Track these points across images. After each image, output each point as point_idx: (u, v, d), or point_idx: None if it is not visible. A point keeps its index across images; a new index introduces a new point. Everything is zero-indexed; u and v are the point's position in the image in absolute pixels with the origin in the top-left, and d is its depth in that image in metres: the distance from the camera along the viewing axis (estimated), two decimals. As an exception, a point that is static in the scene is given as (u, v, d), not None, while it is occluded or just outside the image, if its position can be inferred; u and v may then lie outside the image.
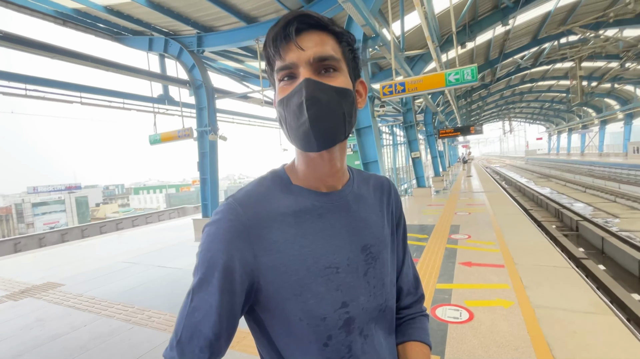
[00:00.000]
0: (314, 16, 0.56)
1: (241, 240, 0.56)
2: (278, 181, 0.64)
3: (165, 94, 9.43)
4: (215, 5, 6.72)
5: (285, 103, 0.56)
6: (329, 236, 0.61)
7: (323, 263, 0.59)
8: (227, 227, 0.56)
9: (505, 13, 10.23)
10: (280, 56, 0.56)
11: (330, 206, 0.63)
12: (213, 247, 0.55)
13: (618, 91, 26.13)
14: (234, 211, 0.57)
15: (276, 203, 0.60)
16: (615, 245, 7.33)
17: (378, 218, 0.69)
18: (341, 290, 0.60)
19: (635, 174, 18.21)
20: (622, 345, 2.26)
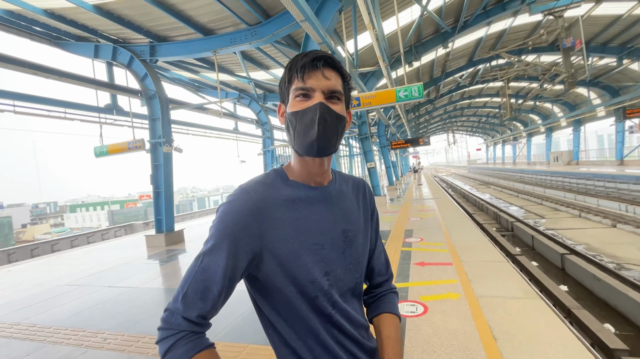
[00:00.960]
0: (334, 59, 0.76)
1: (252, 217, 0.71)
2: (278, 177, 0.81)
3: (114, 104, 8.90)
4: (170, 15, 6.62)
5: (300, 115, 0.73)
6: (317, 220, 0.78)
7: (312, 240, 0.76)
8: (241, 206, 0.71)
9: (445, 37, 11.39)
10: (303, 79, 0.73)
11: (318, 198, 0.81)
12: (227, 219, 0.71)
13: (539, 108, 29.97)
14: (248, 194, 0.73)
15: (278, 192, 0.77)
16: (542, 242, 8.38)
17: (355, 210, 0.87)
18: (325, 262, 0.77)
19: (557, 180, 20.88)
20: (545, 322, 2.68)
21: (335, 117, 0.74)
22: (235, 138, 15.11)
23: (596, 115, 22.83)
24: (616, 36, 14.79)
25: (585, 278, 6.20)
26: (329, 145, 0.74)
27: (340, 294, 0.79)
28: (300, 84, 0.73)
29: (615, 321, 4.95)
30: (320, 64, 0.73)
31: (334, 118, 0.74)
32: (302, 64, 0.73)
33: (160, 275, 5.49)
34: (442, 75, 17.09)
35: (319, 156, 0.75)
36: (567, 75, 11.43)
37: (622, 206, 12.09)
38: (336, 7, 5.79)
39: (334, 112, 0.73)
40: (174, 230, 8.36)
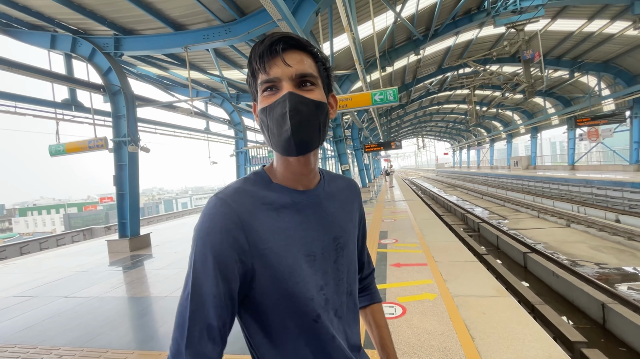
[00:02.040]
0: (296, 37, 0.65)
1: (237, 230, 0.61)
2: (260, 181, 0.70)
3: (72, 99, 8.26)
4: (137, 7, 6.26)
5: (268, 112, 0.64)
6: (305, 228, 0.69)
7: (304, 251, 0.67)
8: (223, 219, 0.61)
9: (417, 44, 11.76)
10: (265, 70, 0.63)
11: (306, 203, 0.71)
12: (210, 240, 0.60)
13: (501, 115, 31.86)
14: (227, 206, 0.63)
15: (262, 199, 0.67)
16: (507, 242, 8.84)
17: (345, 214, 0.79)
18: (318, 275, 0.68)
19: (517, 183, 22.24)
20: (517, 319, 2.78)
21: (312, 104, 0.64)
22: (207, 138, 14.63)
23: (551, 123, 24.64)
24: (569, 51, 16.07)
25: (545, 275, 6.60)
26: (309, 139, 0.64)
27: (335, 310, 0.71)
28: (264, 76, 0.64)
29: (573, 315, 5.30)
30: (279, 48, 0.63)
31: (311, 107, 0.64)
32: (261, 52, 0.63)
33: (124, 282, 5.13)
34: (414, 81, 17.66)
35: (300, 153, 0.65)
36: (528, 84, 12.23)
37: (574, 208, 13.08)
38: (313, 8, 5.76)
39: (308, 100, 0.64)
40: (140, 234, 7.88)
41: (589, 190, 14.20)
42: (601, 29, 13.50)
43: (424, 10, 10.46)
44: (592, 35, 14.11)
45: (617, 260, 7.34)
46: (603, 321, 4.80)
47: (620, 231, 8.88)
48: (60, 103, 8.04)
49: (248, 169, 14.15)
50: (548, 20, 13.05)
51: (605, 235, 9.06)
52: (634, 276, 6.49)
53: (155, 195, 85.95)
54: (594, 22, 13.00)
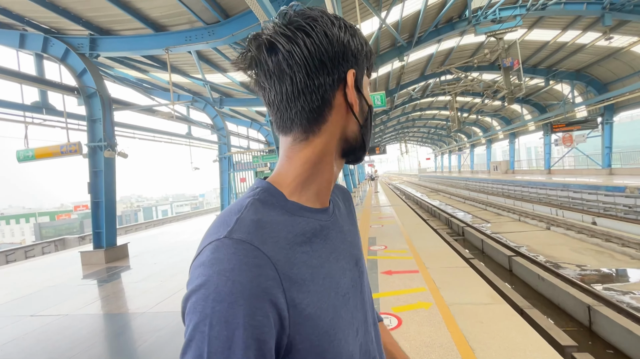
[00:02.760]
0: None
1: (276, 288, 0.41)
2: (274, 201, 0.51)
3: (43, 101, 7.79)
4: (115, 6, 5.99)
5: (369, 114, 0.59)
6: (336, 259, 0.53)
7: (341, 291, 0.51)
8: (254, 276, 0.40)
9: (401, 50, 11.91)
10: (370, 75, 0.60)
11: (329, 224, 0.55)
12: (238, 314, 0.38)
13: (481, 121, 32.83)
14: (256, 251, 0.42)
15: (291, 229, 0.48)
16: (491, 245, 8.95)
17: (354, 228, 0.66)
18: (355, 317, 0.53)
19: (497, 187, 22.84)
20: (515, 327, 2.72)
21: None
22: (189, 143, 14.22)
23: (528, 129, 25.56)
24: (544, 59, 16.74)
25: (530, 278, 6.68)
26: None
27: (367, 351, 0.56)
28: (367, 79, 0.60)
29: (560, 317, 5.35)
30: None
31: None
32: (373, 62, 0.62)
33: (98, 297, 4.78)
34: (397, 87, 17.90)
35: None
36: (508, 91, 12.60)
37: (553, 211, 13.50)
38: (300, 11, 5.66)
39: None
40: (116, 245, 7.46)
41: (565, 194, 14.71)
42: (574, 39, 14.14)
43: (408, 17, 10.61)
44: (565, 45, 14.76)
45: (597, 262, 7.54)
46: (589, 323, 4.85)
47: (598, 233, 9.18)
48: (29, 106, 7.56)
49: (232, 175, 13.83)
50: (525, 30, 13.55)
51: (584, 237, 9.34)
52: (614, 277, 6.68)
53: (133, 203, 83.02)
54: (567, 33, 13.60)
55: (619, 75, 16.08)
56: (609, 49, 14.46)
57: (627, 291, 5.88)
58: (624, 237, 8.34)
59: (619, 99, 15.25)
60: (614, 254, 7.91)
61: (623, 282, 6.37)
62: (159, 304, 4.20)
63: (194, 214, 25.38)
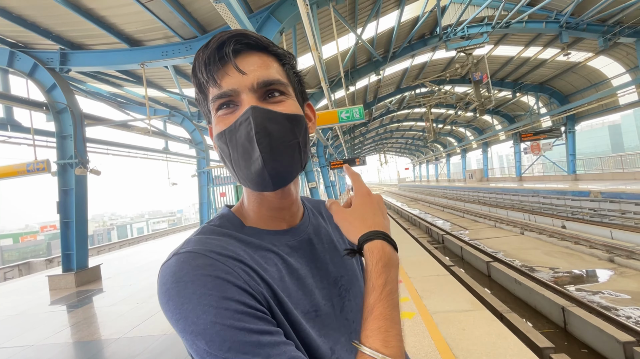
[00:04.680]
0: (252, 35, 0.51)
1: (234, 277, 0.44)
2: (229, 226, 0.53)
3: (8, 117, 7.41)
4: (88, 21, 5.86)
5: (227, 137, 0.49)
6: (298, 277, 0.53)
7: (301, 309, 0.51)
8: (211, 271, 0.43)
9: (377, 65, 12.30)
10: (215, 82, 0.48)
11: (293, 244, 0.57)
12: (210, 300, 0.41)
13: (455, 132, 34.13)
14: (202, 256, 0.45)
15: (240, 251, 0.49)
16: (470, 252, 9.19)
17: (337, 246, 0.65)
18: (323, 336, 0.52)
19: (473, 194, 23.62)
20: (496, 332, 2.79)
21: (285, 120, 0.50)
22: (166, 158, 13.87)
23: (499, 139, 26.79)
24: (510, 73, 17.78)
25: (508, 282, 6.89)
26: (288, 166, 0.50)
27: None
28: (215, 90, 0.49)
29: (537, 320, 5.52)
30: (229, 50, 0.48)
31: (284, 124, 0.49)
32: (207, 59, 0.48)
33: (68, 325, 4.48)
34: (375, 100, 18.38)
35: (278, 187, 0.50)
36: (479, 103, 13.23)
37: (525, 216, 14.09)
38: (277, 27, 5.78)
39: (278, 115, 0.49)
40: (88, 267, 7.07)
41: (536, 199, 15.42)
42: (536, 55, 15.14)
43: (382, 33, 11.03)
44: (529, 60, 15.76)
45: (568, 264, 7.89)
46: (564, 324, 5.04)
47: (567, 236, 9.64)
48: (-8, 122, 7.18)
49: (211, 190, 13.56)
50: (492, 46, 14.39)
51: (555, 241, 9.77)
52: (584, 278, 7.00)
53: (106, 221, 79.22)
54: (530, 49, 14.56)
55: (578, 87, 17.31)
56: (568, 63, 15.58)
57: (597, 291, 6.17)
58: (591, 239, 8.81)
59: (579, 110, 16.35)
60: (583, 256, 8.31)
61: (593, 282, 6.69)
62: (136, 328, 4.00)
63: (171, 231, 24.52)
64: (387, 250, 0.49)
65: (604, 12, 10.61)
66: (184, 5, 5.86)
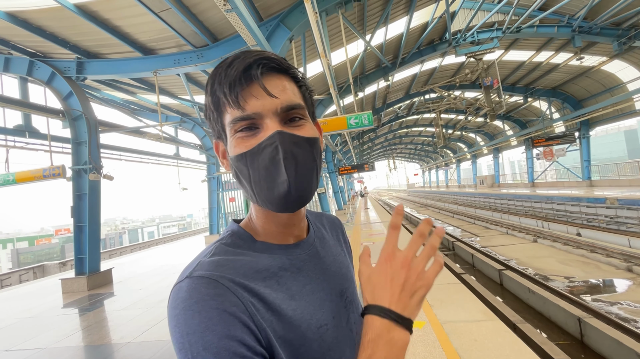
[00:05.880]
0: (276, 58, 0.51)
1: (243, 314, 0.44)
2: (241, 243, 0.55)
3: (26, 124, 7.66)
4: (104, 31, 6.04)
5: (249, 159, 0.49)
6: (311, 291, 0.55)
7: (315, 323, 0.52)
8: (219, 303, 0.43)
9: (386, 71, 12.31)
10: (239, 104, 0.48)
11: (304, 257, 0.58)
12: (213, 338, 0.41)
13: (465, 137, 33.77)
14: (216, 284, 0.45)
15: (252, 267, 0.51)
16: (481, 260, 9.01)
17: (342, 258, 0.67)
18: (333, 349, 0.53)
19: (484, 201, 23.24)
20: (509, 345, 2.71)
21: (307, 144, 0.51)
22: (177, 164, 14.09)
23: (510, 144, 26.40)
24: (522, 78, 17.56)
25: (521, 291, 6.71)
26: (308, 189, 0.51)
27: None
28: (237, 112, 0.49)
29: (551, 331, 5.35)
30: (258, 73, 0.49)
31: (306, 148, 0.51)
32: (231, 81, 0.48)
33: (79, 328, 4.55)
34: (384, 106, 18.35)
35: (299, 209, 0.52)
36: (489, 108, 13.08)
37: (539, 223, 13.76)
38: (287, 35, 5.86)
39: (301, 139, 0.50)
40: (100, 271, 7.19)
41: (550, 206, 15.07)
42: (548, 59, 14.93)
43: (391, 40, 11.05)
44: (540, 64, 15.55)
45: (584, 273, 7.65)
46: (581, 335, 4.87)
47: (583, 244, 9.37)
48: (11, 129, 7.41)
49: (221, 195, 13.69)
50: (503, 51, 14.27)
51: (570, 249, 9.50)
52: (601, 288, 6.78)
53: (118, 225, 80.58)
54: (541, 53, 14.37)
55: (592, 92, 16.96)
56: (581, 68, 15.31)
57: (614, 301, 5.96)
58: (608, 248, 8.54)
59: (594, 115, 16.01)
60: (599, 265, 8.06)
61: (610, 293, 6.47)
62: (145, 333, 4.03)
63: (181, 236, 24.78)
64: (377, 325, 0.45)
65: (618, 15, 10.42)
66: (195, 14, 5.99)
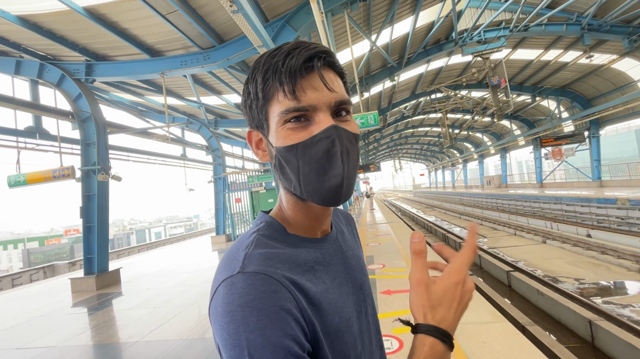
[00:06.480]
0: (331, 52, 0.51)
1: (297, 312, 0.45)
2: (276, 235, 0.54)
3: (37, 126, 7.79)
4: (112, 33, 6.12)
5: (299, 151, 0.48)
6: (339, 284, 0.56)
7: (345, 316, 0.53)
8: (276, 301, 0.43)
9: (391, 71, 12.25)
10: (294, 95, 0.47)
11: (332, 252, 0.59)
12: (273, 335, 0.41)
13: (472, 137, 33.46)
14: (271, 280, 0.45)
15: (294, 261, 0.51)
16: (489, 261, 8.91)
17: (358, 252, 0.68)
18: (357, 339, 0.55)
19: (491, 201, 23.00)
20: (519, 347, 2.67)
21: (355, 140, 0.52)
22: (183, 165, 14.20)
23: (518, 144, 26.08)
24: (530, 77, 17.34)
25: (530, 293, 6.62)
26: (353, 183, 0.52)
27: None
28: (290, 103, 0.48)
29: (561, 333, 5.27)
30: (320, 64, 0.49)
31: (354, 143, 0.51)
32: (292, 70, 0.47)
33: (88, 327, 4.60)
34: (389, 106, 18.28)
35: (343, 202, 0.51)
36: (496, 108, 12.94)
37: (547, 224, 13.57)
38: (292, 36, 5.87)
39: (352, 135, 0.51)
40: (108, 270, 7.27)
41: (559, 207, 14.85)
42: (557, 58, 14.73)
43: (397, 39, 11.00)
44: (549, 63, 15.35)
45: (594, 275, 7.52)
46: (592, 338, 4.78)
47: (593, 245, 9.21)
48: (22, 131, 7.54)
49: (227, 195, 13.77)
50: (510, 50, 14.11)
51: (579, 250, 9.35)
52: (612, 290, 6.65)
53: (126, 225, 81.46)
54: (550, 52, 14.18)
55: (602, 91, 16.68)
56: (591, 66, 15.07)
57: (626, 304, 5.84)
58: (619, 249, 8.38)
59: (604, 114, 15.74)
60: (610, 266, 7.91)
61: (622, 295, 6.35)
62: (152, 332, 4.06)
63: (187, 236, 24.97)
64: (438, 349, 0.47)
65: (629, 12, 10.23)
66: (202, 16, 6.04)
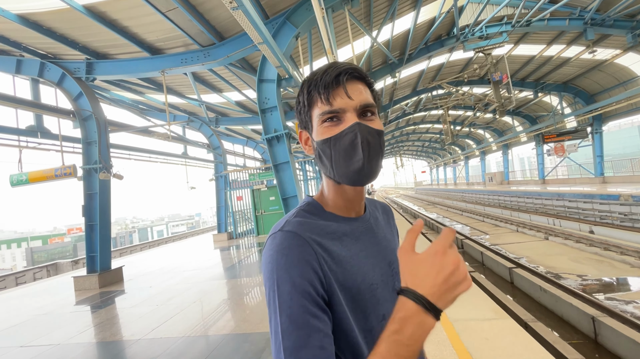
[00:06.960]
0: (358, 69, 0.68)
1: (315, 262, 0.60)
2: (315, 211, 0.71)
3: (38, 125, 7.79)
4: (112, 31, 6.10)
5: (332, 143, 0.65)
6: (366, 256, 0.70)
7: (368, 281, 0.67)
8: (299, 252, 0.60)
9: (392, 68, 12.19)
10: (328, 101, 0.65)
11: (362, 229, 0.73)
12: (293, 276, 0.57)
13: (474, 134, 33.32)
14: (299, 237, 0.62)
15: (325, 228, 0.67)
16: (491, 257, 8.88)
17: (391, 237, 0.81)
18: (381, 304, 0.68)
19: (493, 198, 22.94)
20: (521, 343, 2.66)
21: (377, 134, 0.67)
22: (185, 163, 14.21)
23: (520, 140, 25.95)
24: (532, 73, 17.21)
25: (532, 290, 6.60)
26: (376, 168, 0.66)
27: None
28: (325, 107, 0.66)
29: (564, 330, 5.26)
30: (344, 79, 0.66)
31: (376, 137, 0.66)
32: (326, 84, 0.66)
33: (91, 325, 4.62)
34: (390, 103, 18.20)
35: (367, 183, 0.67)
36: (498, 104, 12.86)
37: (550, 220, 13.52)
38: (293, 32, 5.83)
39: (374, 130, 0.66)
40: (111, 269, 7.30)
41: (561, 203, 14.79)
42: (559, 53, 14.60)
43: (398, 35, 10.93)
44: (551, 58, 15.22)
45: (597, 271, 7.49)
46: (595, 335, 4.77)
47: (596, 242, 9.17)
48: (24, 130, 7.55)
49: (228, 193, 13.78)
50: (512, 45, 13.99)
51: (582, 247, 9.32)
52: (615, 286, 6.63)
53: (128, 224, 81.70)
54: (552, 47, 14.05)
55: (605, 86, 16.55)
56: (594, 61, 14.94)
57: (629, 300, 5.82)
58: (622, 245, 8.34)
59: (606, 109, 15.62)
60: (613, 263, 7.88)
61: (625, 291, 6.32)
62: (155, 330, 4.07)
63: (189, 234, 25.03)
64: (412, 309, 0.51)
65: (633, 6, 10.12)
66: (202, 13, 6.01)
